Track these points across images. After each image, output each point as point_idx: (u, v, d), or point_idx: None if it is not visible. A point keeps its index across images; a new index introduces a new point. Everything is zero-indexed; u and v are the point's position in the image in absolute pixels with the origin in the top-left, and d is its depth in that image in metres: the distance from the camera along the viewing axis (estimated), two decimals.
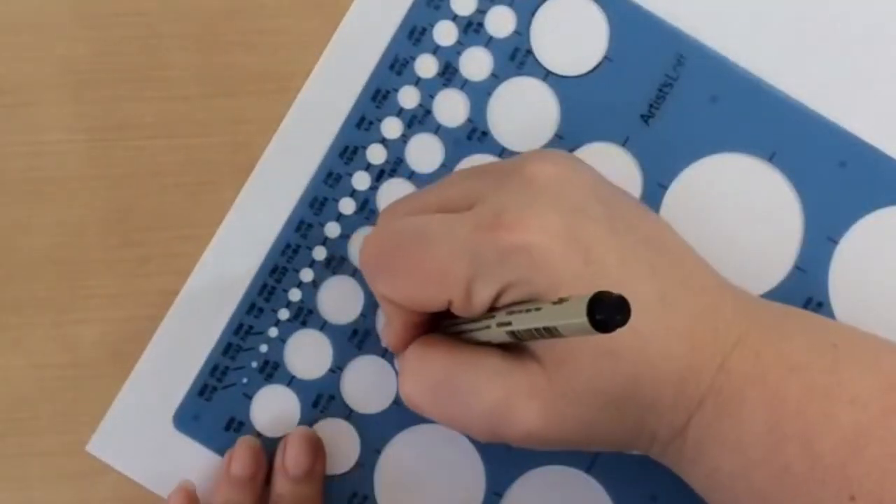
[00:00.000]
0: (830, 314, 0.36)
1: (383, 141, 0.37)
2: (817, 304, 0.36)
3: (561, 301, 0.25)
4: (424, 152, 0.37)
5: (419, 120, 0.37)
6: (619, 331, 0.23)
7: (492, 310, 0.30)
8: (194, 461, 0.37)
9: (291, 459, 0.36)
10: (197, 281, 0.37)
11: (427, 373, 0.32)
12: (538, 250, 0.29)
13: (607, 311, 0.23)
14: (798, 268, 0.36)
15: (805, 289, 0.36)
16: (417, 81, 0.37)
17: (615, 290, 0.27)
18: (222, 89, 0.37)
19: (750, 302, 0.32)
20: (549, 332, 0.26)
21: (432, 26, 0.37)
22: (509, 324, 0.28)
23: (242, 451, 0.36)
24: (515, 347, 0.30)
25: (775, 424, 0.29)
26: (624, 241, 0.30)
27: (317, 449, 0.36)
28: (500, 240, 0.29)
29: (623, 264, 0.29)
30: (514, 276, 0.29)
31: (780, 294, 0.36)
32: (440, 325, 0.33)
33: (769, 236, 0.36)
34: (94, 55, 0.37)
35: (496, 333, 0.29)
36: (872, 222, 0.36)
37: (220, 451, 0.37)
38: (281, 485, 0.36)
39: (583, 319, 0.23)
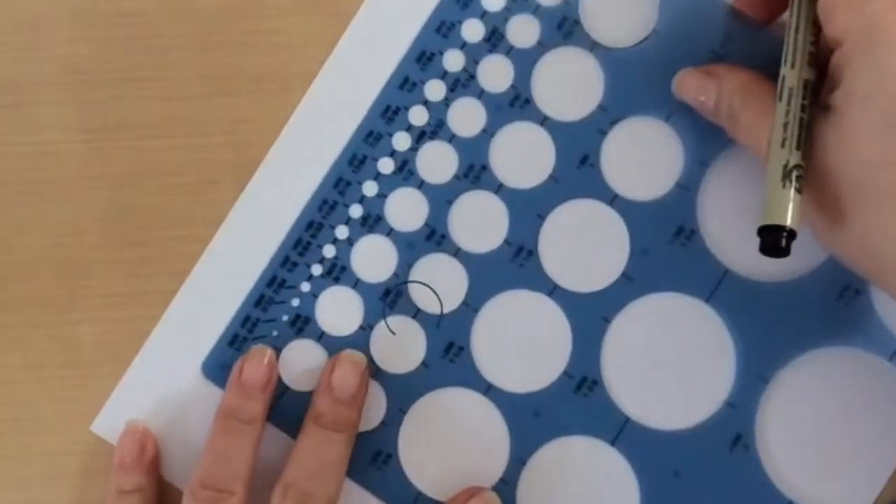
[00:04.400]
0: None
1: (426, 103, 0.37)
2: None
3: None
4: (466, 116, 0.37)
5: (462, 84, 0.37)
6: None
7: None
8: None
9: (339, 379, 0.36)
10: (232, 228, 0.37)
11: None
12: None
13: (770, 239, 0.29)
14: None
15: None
16: (463, 45, 0.37)
17: None
18: (222, 89, 0.38)
19: None
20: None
21: None
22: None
23: (254, 359, 0.36)
24: None
25: None
26: None
27: (364, 374, 0.36)
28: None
29: None
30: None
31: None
32: None
33: None
34: (94, 55, 0.37)
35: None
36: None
37: None
38: (323, 403, 0.36)
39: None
